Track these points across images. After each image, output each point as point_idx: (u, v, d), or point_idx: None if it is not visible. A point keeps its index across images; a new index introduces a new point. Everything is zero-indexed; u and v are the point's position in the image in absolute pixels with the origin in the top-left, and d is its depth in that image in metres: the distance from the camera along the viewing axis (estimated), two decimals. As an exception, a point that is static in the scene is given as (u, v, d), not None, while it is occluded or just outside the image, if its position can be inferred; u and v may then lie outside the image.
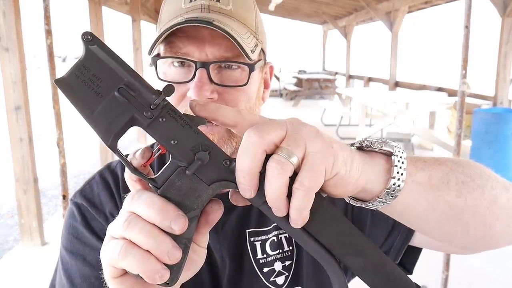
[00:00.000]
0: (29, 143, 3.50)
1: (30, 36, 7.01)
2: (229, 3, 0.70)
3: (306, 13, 14.02)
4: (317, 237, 0.43)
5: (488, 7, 5.49)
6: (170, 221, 0.40)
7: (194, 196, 0.42)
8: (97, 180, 0.79)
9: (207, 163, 0.42)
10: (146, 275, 0.40)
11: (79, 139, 8.19)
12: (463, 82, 2.57)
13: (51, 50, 2.57)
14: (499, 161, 5.01)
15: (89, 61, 0.41)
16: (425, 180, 0.50)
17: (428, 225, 0.54)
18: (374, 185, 0.47)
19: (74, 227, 0.75)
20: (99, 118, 0.41)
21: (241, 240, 0.77)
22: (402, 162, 0.48)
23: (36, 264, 3.38)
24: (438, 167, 0.53)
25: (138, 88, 0.41)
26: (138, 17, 7.62)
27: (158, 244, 0.40)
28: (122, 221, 0.41)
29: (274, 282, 0.76)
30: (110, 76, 0.41)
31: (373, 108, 7.76)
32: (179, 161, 0.42)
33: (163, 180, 0.43)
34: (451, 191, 0.52)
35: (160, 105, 0.41)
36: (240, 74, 0.69)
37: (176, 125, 0.42)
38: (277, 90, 15.14)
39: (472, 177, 0.55)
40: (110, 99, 0.41)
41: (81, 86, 0.41)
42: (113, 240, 0.42)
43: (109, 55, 0.41)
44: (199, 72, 0.65)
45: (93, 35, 0.41)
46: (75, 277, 0.72)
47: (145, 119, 0.41)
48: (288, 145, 0.41)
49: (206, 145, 0.42)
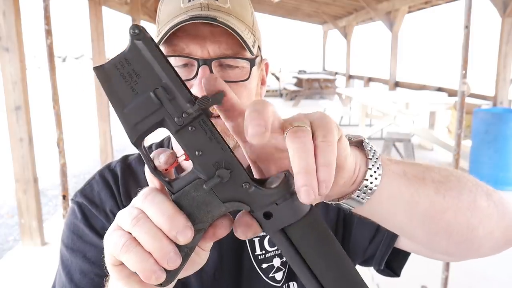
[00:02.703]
0: (29, 143, 3.50)
1: (30, 36, 7.01)
2: (227, 1, 0.71)
3: (306, 13, 14.02)
4: (319, 277, 0.43)
5: (488, 7, 5.50)
6: (177, 231, 0.40)
7: (206, 210, 0.42)
8: (97, 179, 0.80)
9: (226, 181, 0.41)
10: (142, 273, 0.40)
11: (79, 139, 8.19)
12: (463, 82, 2.57)
13: (51, 50, 2.58)
14: (499, 161, 5.02)
15: (132, 55, 0.40)
16: (400, 173, 0.52)
17: (412, 224, 0.54)
18: (360, 165, 0.48)
19: (75, 225, 0.77)
20: (129, 114, 0.40)
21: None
22: (374, 150, 0.50)
23: (36, 264, 3.38)
24: (412, 165, 0.55)
25: (174, 93, 0.40)
26: (138, 17, 7.61)
27: (161, 248, 0.40)
28: (132, 216, 0.41)
29: (273, 278, 0.77)
30: (149, 74, 0.40)
31: (373, 108, 7.77)
32: (199, 172, 0.42)
33: (180, 187, 0.42)
34: (428, 187, 0.53)
35: (192, 114, 0.40)
36: (241, 70, 0.70)
37: (204, 137, 0.41)
38: (277, 90, 15.14)
39: (449, 178, 0.56)
40: (145, 98, 0.40)
41: (118, 79, 0.40)
42: (119, 231, 0.42)
43: (153, 53, 0.40)
44: (201, 69, 0.66)
45: (141, 29, 0.40)
46: (74, 273, 0.73)
47: (175, 125, 0.40)
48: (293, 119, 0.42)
49: (229, 163, 0.41)
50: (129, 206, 0.43)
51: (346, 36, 12.74)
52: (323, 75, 14.40)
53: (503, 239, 0.60)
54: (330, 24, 13.62)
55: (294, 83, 14.88)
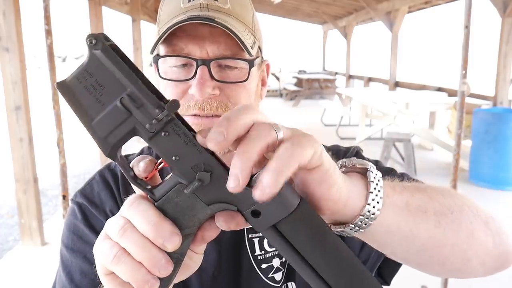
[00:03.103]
0: (29, 143, 3.50)
1: (30, 36, 7.01)
2: (227, 2, 0.71)
3: (306, 13, 14.01)
4: (318, 270, 0.42)
5: (488, 7, 5.50)
6: (163, 239, 0.40)
7: (191, 214, 0.41)
8: (97, 180, 0.81)
9: (208, 183, 0.40)
10: (135, 284, 0.40)
11: (79, 139, 8.19)
12: (463, 82, 2.57)
13: (51, 50, 2.57)
14: (499, 161, 5.02)
15: (93, 66, 0.39)
16: (402, 205, 0.50)
17: (406, 254, 0.53)
18: (356, 199, 0.46)
19: (75, 225, 0.77)
20: (98, 127, 0.39)
21: (239, 236, 0.78)
22: (378, 180, 0.48)
23: (36, 264, 3.38)
24: (416, 194, 0.52)
25: (141, 100, 0.39)
26: (138, 17, 7.61)
27: (150, 258, 0.40)
28: (119, 227, 0.41)
29: (272, 278, 0.77)
30: (113, 84, 0.39)
31: (373, 108, 7.76)
32: (179, 177, 0.41)
33: (162, 194, 0.42)
34: (430, 221, 0.51)
35: (163, 120, 0.39)
36: (240, 71, 0.70)
37: (179, 142, 0.40)
38: (277, 90, 15.14)
39: (451, 208, 0.54)
40: (112, 108, 0.39)
41: (82, 92, 0.39)
42: (108, 241, 0.42)
43: (114, 61, 0.39)
44: (200, 70, 0.66)
45: (98, 38, 0.39)
46: (74, 273, 0.73)
47: (147, 132, 0.39)
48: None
49: (208, 165, 0.40)
50: (117, 214, 0.43)
51: (346, 36, 12.74)
52: (323, 75, 14.39)
53: (494, 266, 0.60)
54: (330, 24, 13.61)
55: (294, 83, 14.87)
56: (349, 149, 0.88)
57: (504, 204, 4.70)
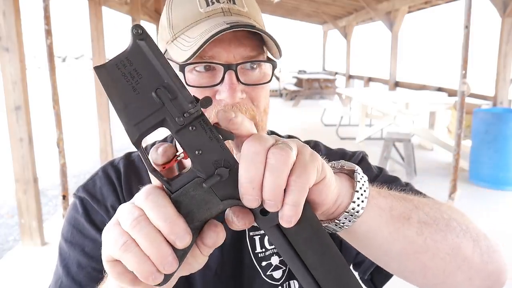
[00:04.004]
0: (29, 143, 3.50)
1: (30, 36, 7.01)
2: (244, 6, 0.71)
3: (306, 13, 14.01)
4: (312, 271, 0.44)
5: (488, 7, 5.50)
6: (176, 236, 0.40)
7: (205, 208, 0.42)
8: (100, 175, 0.81)
9: (225, 179, 0.42)
10: (140, 274, 0.40)
11: (79, 139, 8.19)
12: (463, 82, 2.57)
13: (51, 50, 2.58)
14: (499, 161, 5.02)
15: (134, 55, 0.40)
16: (386, 208, 0.52)
17: (387, 257, 0.54)
18: (343, 198, 0.49)
19: (75, 219, 0.77)
20: (130, 114, 0.40)
21: (241, 234, 0.78)
22: (364, 181, 0.51)
23: (36, 264, 3.38)
24: (402, 202, 0.55)
25: (176, 93, 0.41)
26: (138, 17, 7.61)
27: (159, 253, 0.40)
28: (133, 217, 0.41)
29: (271, 276, 0.78)
30: (151, 74, 0.41)
31: (373, 108, 7.76)
32: (198, 171, 0.42)
33: (179, 186, 0.42)
34: (412, 227, 0.53)
35: (194, 114, 0.41)
36: (260, 71, 0.71)
37: (204, 137, 0.42)
38: (277, 90, 15.14)
39: (437, 221, 0.55)
40: (146, 98, 0.41)
41: (120, 78, 0.40)
42: (119, 227, 0.42)
43: (155, 53, 0.41)
44: (228, 75, 0.66)
45: (144, 30, 0.40)
46: (71, 266, 0.74)
47: (176, 124, 0.41)
48: (283, 143, 0.42)
49: (228, 162, 0.42)
50: (131, 202, 0.43)
51: (346, 36, 12.74)
52: (323, 75, 14.39)
53: (484, 285, 0.59)
54: (330, 24, 13.61)
55: (294, 83, 14.88)
56: (355, 154, 0.87)
57: (504, 204, 4.70)
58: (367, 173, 0.81)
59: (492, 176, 5.06)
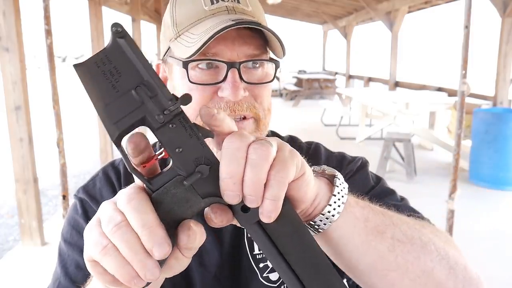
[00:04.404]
0: (29, 143, 3.50)
1: (30, 36, 7.01)
2: (248, 5, 0.71)
3: (306, 13, 14.02)
4: (293, 266, 0.44)
5: (488, 7, 5.50)
6: (153, 244, 0.40)
7: (187, 206, 0.42)
8: (100, 176, 0.82)
9: (206, 177, 0.42)
10: (121, 278, 0.40)
11: (79, 139, 8.19)
12: (463, 82, 2.57)
13: (51, 50, 2.58)
14: (499, 161, 5.02)
15: (114, 53, 0.41)
16: (361, 218, 0.52)
17: (356, 270, 0.54)
18: (321, 199, 0.50)
19: (75, 219, 0.78)
20: (110, 112, 0.40)
21: (239, 236, 0.78)
22: (343, 188, 0.52)
23: (36, 264, 3.38)
24: (379, 215, 0.54)
25: (156, 91, 0.41)
26: (138, 17, 7.62)
27: (139, 261, 0.40)
28: (114, 222, 0.41)
29: (267, 278, 0.78)
30: (130, 72, 0.41)
31: (373, 108, 7.76)
32: (179, 169, 0.42)
33: (159, 185, 0.42)
34: (384, 242, 0.52)
35: (173, 112, 0.41)
36: (262, 70, 0.71)
37: (184, 134, 0.42)
38: (277, 90, 15.13)
39: (413, 240, 0.54)
40: (126, 96, 0.41)
41: (99, 76, 0.40)
42: (99, 230, 0.42)
43: (135, 52, 0.41)
44: (231, 72, 0.66)
45: (123, 28, 0.41)
46: (70, 266, 0.74)
47: (156, 122, 0.41)
48: (263, 139, 0.43)
49: (208, 159, 0.42)
50: (113, 202, 0.43)
51: (346, 36, 12.74)
52: (323, 75, 14.39)
53: None
54: (330, 24, 13.61)
55: (294, 83, 14.88)
56: (355, 159, 0.86)
57: (504, 204, 4.70)
58: (365, 182, 0.81)
59: (492, 176, 5.06)
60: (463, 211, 3.98)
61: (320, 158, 0.86)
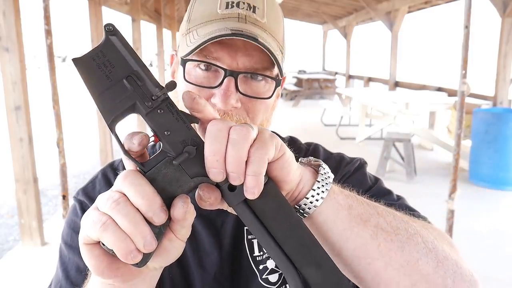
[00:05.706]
0: (29, 143, 3.50)
1: (30, 36, 7.01)
2: (264, 16, 0.70)
3: (306, 13, 14.02)
4: (282, 244, 0.47)
5: (488, 7, 5.50)
6: (153, 213, 0.43)
7: (177, 185, 0.46)
8: (99, 178, 0.82)
9: (193, 157, 0.45)
10: (119, 252, 0.42)
11: (79, 139, 8.19)
12: (463, 82, 2.57)
13: (51, 50, 2.58)
14: (499, 161, 5.02)
15: (107, 48, 0.46)
16: (345, 206, 0.54)
17: (340, 257, 0.54)
18: (305, 184, 0.52)
19: (75, 222, 0.78)
20: (105, 99, 0.45)
21: (239, 237, 0.78)
22: (328, 176, 0.54)
23: (36, 264, 3.38)
24: (364, 205, 0.55)
25: (144, 79, 0.46)
26: (138, 17, 7.61)
27: (138, 232, 0.42)
28: (112, 199, 0.43)
29: (266, 279, 0.78)
30: (122, 64, 0.46)
31: (373, 108, 7.77)
32: (168, 151, 0.46)
33: (151, 166, 0.46)
34: (367, 230, 0.53)
35: (160, 98, 0.45)
36: (264, 86, 0.70)
37: (171, 118, 0.46)
38: (277, 90, 15.12)
39: (397, 231, 0.54)
40: (118, 84, 0.45)
41: (95, 68, 0.45)
42: (98, 211, 0.44)
43: (125, 46, 0.46)
44: (227, 80, 0.66)
45: (115, 27, 0.46)
46: (70, 269, 0.74)
47: (146, 107, 0.45)
48: (244, 123, 0.47)
49: (195, 141, 0.46)
50: (110, 190, 0.46)
51: (346, 36, 12.74)
52: (323, 75, 14.39)
53: None
54: (330, 24, 13.62)
55: (294, 83, 14.88)
56: (353, 160, 0.86)
57: (504, 204, 4.70)
58: (362, 182, 0.81)
59: (492, 176, 5.06)
60: (463, 211, 3.98)
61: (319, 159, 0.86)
